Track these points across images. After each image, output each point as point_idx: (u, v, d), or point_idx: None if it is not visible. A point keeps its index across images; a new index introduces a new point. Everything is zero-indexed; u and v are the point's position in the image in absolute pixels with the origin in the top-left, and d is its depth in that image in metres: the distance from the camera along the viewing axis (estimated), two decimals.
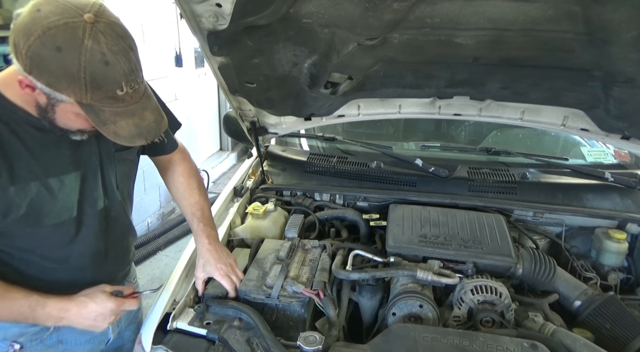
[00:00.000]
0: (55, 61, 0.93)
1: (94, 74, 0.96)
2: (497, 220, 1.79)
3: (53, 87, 0.97)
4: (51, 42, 0.92)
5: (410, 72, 1.76)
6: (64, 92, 0.98)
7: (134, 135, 1.07)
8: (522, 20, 1.34)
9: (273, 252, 1.58)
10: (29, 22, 0.93)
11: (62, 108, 1.04)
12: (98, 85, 0.97)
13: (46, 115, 1.07)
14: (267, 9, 1.34)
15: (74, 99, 0.99)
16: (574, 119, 1.92)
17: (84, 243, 1.28)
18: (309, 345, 1.20)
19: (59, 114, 1.06)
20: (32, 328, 1.28)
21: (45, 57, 0.93)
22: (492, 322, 1.42)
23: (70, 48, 0.93)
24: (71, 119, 1.08)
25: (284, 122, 2.11)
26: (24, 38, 0.93)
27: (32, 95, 1.02)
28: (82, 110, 1.02)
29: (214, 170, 5.72)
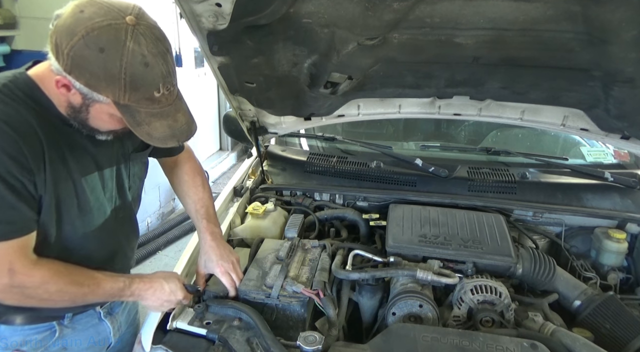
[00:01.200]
0: (97, 62, 0.95)
1: (133, 75, 0.98)
2: (497, 220, 1.79)
3: (92, 88, 0.99)
4: (94, 43, 0.94)
5: (410, 72, 1.76)
6: (102, 93, 1.00)
7: (167, 137, 1.09)
8: (522, 20, 1.34)
9: (273, 252, 1.58)
10: (72, 23, 0.95)
11: (96, 108, 1.06)
12: (137, 86, 0.99)
13: (78, 115, 1.09)
14: (267, 9, 1.34)
15: (111, 100, 1.01)
16: (574, 119, 1.92)
17: (95, 243, 1.28)
18: (309, 345, 1.20)
19: (93, 114, 1.08)
20: (35, 336, 1.27)
21: (87, 58, 0.95)
22: (492, 322, 1.42)
23: (113, 49, 0.95)
24: (104, 119, 1.09)
25: (283, 122, 2.11)
26: (67, 38, 0.95)
27: (66, 95, 1.04)
28: (118, 111, 1.03)
29: (214, 170, 5.72)
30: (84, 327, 1.37)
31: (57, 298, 1.14)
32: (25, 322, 1.25)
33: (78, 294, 1.17)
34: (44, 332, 1.28)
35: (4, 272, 1.05)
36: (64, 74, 0.99)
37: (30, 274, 1.08)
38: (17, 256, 1.06)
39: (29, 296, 1.11)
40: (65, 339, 1.32)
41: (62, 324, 1.31)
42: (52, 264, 1.14)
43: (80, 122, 1.11)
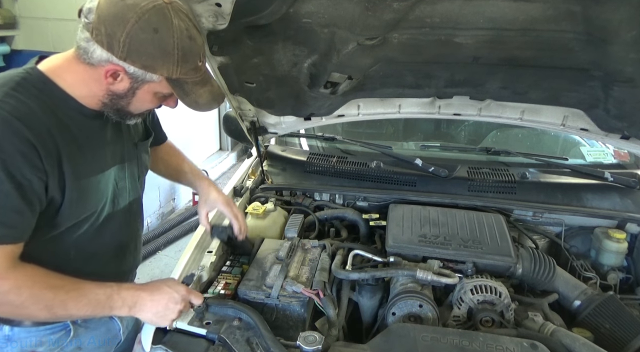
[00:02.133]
0: (154, 42, 1.02)
1: (184, 49, 1.05)
2: (497, 220, 1.79)
3: (148, 68, 1.05)
4: (148, 25, 1.00)
5: (410, 72, 1.76)
6: (157, 71, 1.06)
7: (210, 101, 1.17)
8: (522, 20, 1.34)
9: (273, 252, 1.58)
10: (119, 11, 1.00)
11: (145, 90, 1.11)
12: (187, 59, 1.07)
13: (118, 102, 1.13)
14: (267, 9, 1.34)
15: (165, 76, 1.07)
16: (574, 119, 1.92)
17: (111, 234, 1.29)
18: (309, 345, 1.20)
19: (138, 97, 1.13)
20: (51, 336, 1.27)
21: (144, 41, 1.01)
22: (492, 321, 1.42)
23: (165, 28, 1.02)
24: (147, 100, 1.15)
25: (283, 122, 2.11)
26: (120, 27, 0.99)
27: (110, 84, 1.08)
28: (169, 86, 1.10)
29: (214, 170, 5.71)
30: (96, 325, 1.37)
31: (30, 305, 1.06)
32: (40, 323, 1.24)
33: (55, 301, 1.08)
34: (59, 332, 1.28)
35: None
36: (118, 61, 1.03)
37: (4, 277, 1.03)
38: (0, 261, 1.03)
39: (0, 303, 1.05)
40: (80, 338, 1.32)
41: (77, 323, 1.31)
42: (31, 269, 1.08)
43: (118, 109, 1.15)
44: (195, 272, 1.42)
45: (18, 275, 1.05)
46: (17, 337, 1.24)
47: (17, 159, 1.00)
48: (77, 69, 1.09)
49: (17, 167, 1.00)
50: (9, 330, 1.23)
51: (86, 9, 1.03)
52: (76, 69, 1.09)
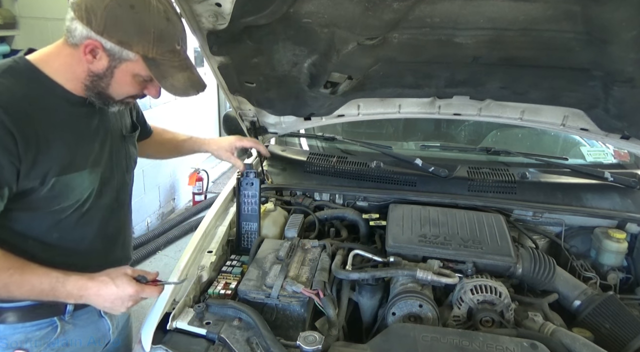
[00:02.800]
0: (129, 18, 1.06)
1: (160, 29, 1.09)
2: (497, 220, 1.79)
3: (124, 45, 1.08)
4: (125, 2, 1.06)
5: (410, 72, 1.76)
6: (133, 48, 1.09)
7: (187, 87, 1.20)
8: (522, 19, 1.34)
9: (273, 252, 1.58)
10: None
11: (122, 70, 1.13)
12: (163, 39, 1.11)
13: (99, 83, 1.15)
14: (267, 9, 1.34)
15: (141, 54, 1.10)
16: (574, 119, 1.92)
17: (97, 224, 1.29)
18: (309, 345, 1.20)
19: (117, 78, 1.15)
20: (37, 332, 1.26)
21: (120, 16, 1.05)
22: (492, 321, 1.42)
23: (142, 6, 1.07)
24: (126, 82, 1.17)
25: (283, 122, 2.11)
26: (99, 2, 1.04)
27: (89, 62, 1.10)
28: (145, 65, 1.12)
29: (214, 170, 5.72)
30: (85, 323, 1.36)
31: None
32: (26, 320, 1.24)
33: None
34: (46, 328, 1.28)
35: None
36: (95, 36, 1.06)
37: None
38: None
39: None
40: (67, 335, 1.32)
41: (64, 319, 1.30)
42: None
43: (99, 92, 1.17)
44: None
45: None
46: (2, 335, 1.23)
47: None
48: (63, 53, 1.13)
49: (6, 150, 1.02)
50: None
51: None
52: (62, 53, 1.13)
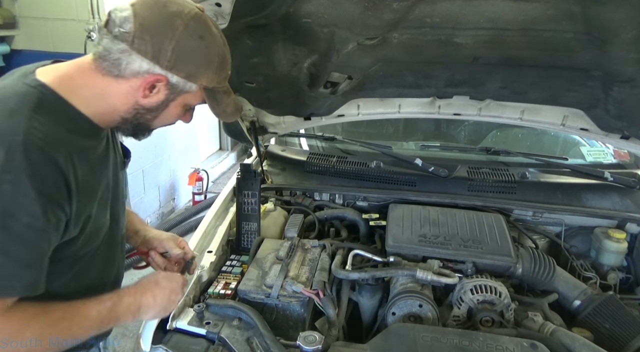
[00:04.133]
0: (200, 49, 1.00)
1: (222, 56, 1.05)
2: (497, 220, 1.79)
3: (191, 77, 1.01)
4: (195, 32, 0.98)
5: (409, 72, 1.76)
6: (198, 80, 1.02)
7: (234, 111, 1.17)
8: (522, 19, 1.34)
9: (273, 251, 1.58)
10: (164, 19, 0.95)
11: (178, 102, 1.06)
12: (223, 66, 1.06)
13: (143, 116, 1.06)
14: (267, 9, 1.34)
15: (204, 85, 1.04)
16: (574, 119, 1.92)
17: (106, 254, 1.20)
18: (309, 345, 1.20)
19: (169, 110, 1.07)
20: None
21: (191, 48, 0.98)
22: (492, 321, 1.42)
23: (208, 35, 1.00)
24: (175, 113, 1.10)
25: (283, 122, 2.11)
26: (168, 35, 0.95)
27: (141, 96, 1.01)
28: (204, 95, 1.07)
29: (214, 169, 5.71)
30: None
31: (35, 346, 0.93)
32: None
33: (61, 334, 0.97)
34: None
35: None
36: (160, 71, 0.97)
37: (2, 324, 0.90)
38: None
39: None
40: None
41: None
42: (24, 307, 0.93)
43: (138, 124, 1.08)
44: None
45: (16, 320, 0.91)
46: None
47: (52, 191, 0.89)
48: (96, 83, 0.99)
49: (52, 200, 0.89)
50: None
51: (119, 18, 0.94)
52: (95, 82, 0.99)
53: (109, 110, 1.04)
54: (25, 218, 0.86)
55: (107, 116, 1.05)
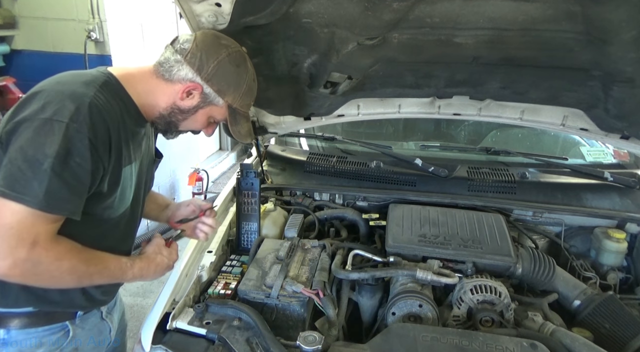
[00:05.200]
0: (233, 74, 1.30)
1: (249, 86, 1.36)
2: (497, 220, 1.79)
3: (221, 93, 1.30)
4: (234, 61, 1.30)
5: (409, 72, 1.76)
6: (225, 97, 1.31)
7: (247, 135, 1.45)
8: (522, 20, 1.34)
9: (272, 251, 1.58)
10: (214, 46, 1.28)
11: (205, 111, 1.33)
12: (248, 94, 1.37)
13: (176, 116, 1.32)
14: (267, 9, 1.35)
15: (229, 102, 1.33)
16: (574, 119, 1.92)
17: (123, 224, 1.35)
18: (309, 345, 1.20)
19: (196, 116, 1.33)
20: (50, 337, 1.27)
21: (227, 70, 1.28)
22: (492, 321, 1.42)
23: (243, 67, 1.33)
24: (199, 121, 1.36)
25: (283, 122, 2.11)
26: (213, 56, 1.26)
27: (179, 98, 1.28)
28: (227, 112, 1.35)
29: (214, 169, 5.71)
30: (90, 326, 1.37)
31: (66, 276, 1.13)
32: (39, 324, 1.24)
33: (86, 274, 1.17)
34: (58, 333, 1.28)
35: (26, 243, 1.04)
36: (200, 81, 1.26)
37: (49, 248, 1.08)
38: (45, 230, 1.07)
39: (37, 273, 1.08)
40: (77, 339, 1.32)
41: (74, 323, 1.31)
42: (68, 242, 1.14)
43: (170, 122, 1.33)
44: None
45: (59, 248, 1.11)
46: (14, 340, 1.23)
47: (100, 145, 1.12)
48: (151, 82, 1.28)
49: (98, 152, 1.12)
50: (5, 333, 1.22)
51: (183, 39, 1.28)
52: (149, 81, 1.28)
53: (153, 104, 1.30)
54: (78, 159, 1.08)
55: (150, 109, 1.30)
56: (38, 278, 1.11)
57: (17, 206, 1.03)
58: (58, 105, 1.07)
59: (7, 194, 1.03)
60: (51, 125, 1.05)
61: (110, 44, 3.65)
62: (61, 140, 1.05)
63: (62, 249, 1.12)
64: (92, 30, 3.56)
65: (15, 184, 1.03)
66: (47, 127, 1.05)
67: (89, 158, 1.09)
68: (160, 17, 4.34)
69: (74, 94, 1.10)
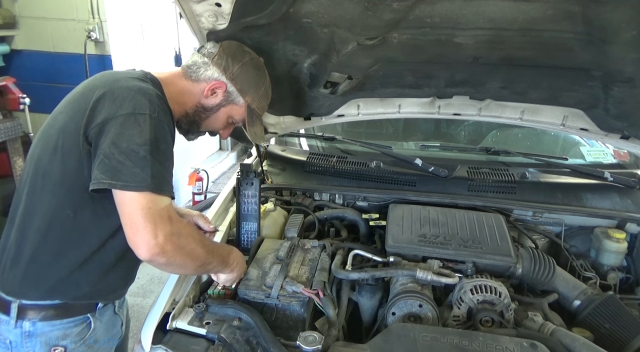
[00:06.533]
0: (254, 76, 1.44)
1: (267, 90, 1.49)
2: (497, 220, 1.79)
3: (242, 92, 1.41)
4: (255, 65, 1.45)
5: (409, 72, 1.76)
6: (246, 96, 1.42)
7: (260, 136, 1.55)
8: (522, 20, 1.34)
9: (272, 251, 1.58)
10: (239, 52, 1.42)
11: (227, 109, 1.43)
12: (265, 97, 1.49)
13: (200, 114, 1.41)
14: (267, 9, 1.35)
15: (248, 102, 1.43)
16: (574, 119, 1.92)
17: None
18: (309, 345, 1.20)
19: (218, 114, 1.43)
20: (74, 329, 1.30)
21: (249, 72, 1.42)
22: (492, 321, 1.42)
23: (262, 71, 1.48)
24: (220, 120, 1.46)
25: (283, 122, 2.11)
26: (237, 59, 1.40)
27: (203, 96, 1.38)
28: (245, 112, 1.45)
29: (214, 169, 5.71)
30: (106, 319, 1.40)
31: (198, 249, 1.23)
32: (64, 316, 1.28)
33: (201, 256, 1.25)
34: (81, 324, 1.32)
35: (165, 219, 1.13)
36: (224, 80, 1.38)
37: (180, 221, 1.20)
38: (170, 208, 1.17)
39: (181, 246, 1.16)
40: (96, 331, 1.36)
41: (95, 316, 1.35)
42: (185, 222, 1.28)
43: (194, 120, 1.42)
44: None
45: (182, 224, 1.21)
46: (40, 332, 1.26)
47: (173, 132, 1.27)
48: (180, 83, 1.38)
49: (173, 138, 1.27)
50: (30, 326, 1.25)
51: (210, 45, 1.42)
52: (178, 83, 1.38)
53: (180, 104, 1.38)
54: (163, 144, 1.19)
55: (178, 109, 1.38)
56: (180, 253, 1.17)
57: (130, 194, 1.11)
58: (133, 100, 1.17)
59: (115, 185, 1.10)
60: (135, 118, 1.14)
61: (110, 44, 3.66)
62: (149, 129, 1.14)
63: (184, 225, 1.22)
64: (92, 30, 3.56)
65: (119, 175, 1.10)
66: (131, 120, 1.14)
67: (171, 143, 1.23)
68: (160, 17, 4.35)
69: (141, 89, 1.20)
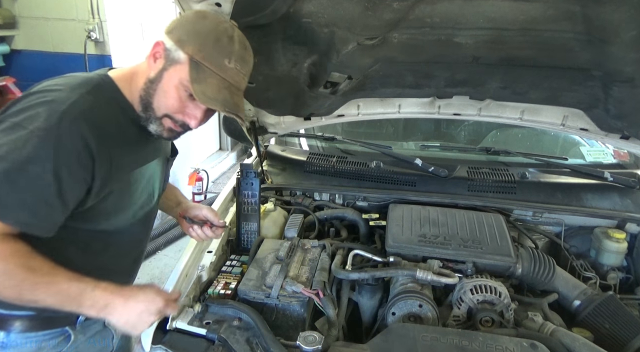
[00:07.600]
0: (194, 23, 1.15)
1: (217, 40, 1.13)
2: (497, 220, 1.79)
3: (179, 43, 1.12)
4: (201, 14, 1.19)
5: (409, 72, 1.76)
6: (186, 46, 1.12)
7: (216, 100, 1.14)
8: (522, 19, 1.34)
9: (272, 252, 1.58)
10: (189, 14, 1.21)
11: (171, 73, 1.14)
12: (217, 46, 1.13)
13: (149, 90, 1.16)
14: (267, 9, 1.35)
15: (190, 53, 1.12)
16: (574, 119, 1.92)
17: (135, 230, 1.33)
18: (309, 345, 1.20)
19: (163, 83, 1.15)
20: (51, 341, 1.24)
21: (188, 20, 1.17)
22: (492, 321, 1.42)
23: (213, 19, 1.17)
24: (170, 91, 1.15)
25: (283, 122, 2.11)
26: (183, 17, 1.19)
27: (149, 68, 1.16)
28: (189, 66, 1.12)
29: (214, 169, 5.71)
30: (92, 333, 1.35)
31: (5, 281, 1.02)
32: (39, 329, 1.22)
33: (26, 282, 1.03)
34: (58, 337, 1.26)
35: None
36: (163, 36, 1.14)
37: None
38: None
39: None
40: (77, 344, 1.30)
41: (75, 329, 1.29)
42: (15, 244, 1.04)
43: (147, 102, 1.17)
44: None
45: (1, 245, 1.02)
46: (13, 344, 1.20)
47: (71, 157, 1.04)
48: (139, 70, 1.19)
49: (66, 165, 1.04)
50: (5, 336, 1.20)
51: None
52: (139, 70, 1.19)
53: (136, 90, 1.19)
54: (38, 168, 1.01)
55: (135, 99, 1.19)
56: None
57: None
58: (30, 112, 1.03)
59: None
60: (15, 130, 1.02)
61: (110, 44, 3.66)
62: (21, 146, 1.00)
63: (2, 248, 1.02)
64: (92, 30, 3.56)
65: None
66: (10, 130, 1.02)
67: (51, 170, 1.02)
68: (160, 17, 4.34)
69: (52, 102, 1.05)
